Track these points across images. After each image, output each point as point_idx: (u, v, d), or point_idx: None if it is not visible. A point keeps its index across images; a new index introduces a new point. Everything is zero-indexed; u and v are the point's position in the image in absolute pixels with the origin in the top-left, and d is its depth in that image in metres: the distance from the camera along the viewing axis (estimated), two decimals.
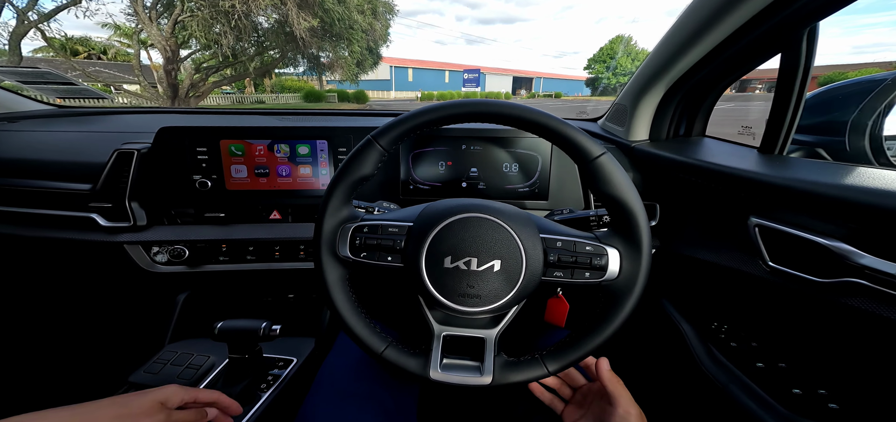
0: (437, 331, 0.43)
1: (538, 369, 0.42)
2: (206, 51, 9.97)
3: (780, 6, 0.50)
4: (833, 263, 0.44)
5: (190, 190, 0.76)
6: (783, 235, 0.49)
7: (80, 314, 0.99)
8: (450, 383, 0.42)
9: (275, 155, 0.77)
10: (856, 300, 0.43)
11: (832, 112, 0.68)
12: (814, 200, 0.45)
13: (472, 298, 0.40)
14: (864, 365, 0.47)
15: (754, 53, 0.62)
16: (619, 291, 0.41)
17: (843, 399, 0.48)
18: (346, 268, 0.44)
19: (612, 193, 0.40)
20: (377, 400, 0.55)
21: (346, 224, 0.44)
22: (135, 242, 0.75)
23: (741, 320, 0.64)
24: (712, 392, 0.57)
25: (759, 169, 0.54)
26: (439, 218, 0.41)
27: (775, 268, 0.51)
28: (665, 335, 0.73)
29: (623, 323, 0.41)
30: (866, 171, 0.46)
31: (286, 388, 0.67)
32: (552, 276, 0.41)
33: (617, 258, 0.41)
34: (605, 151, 0.40)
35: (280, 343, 0.68)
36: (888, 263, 0.39)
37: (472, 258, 0.40)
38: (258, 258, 0.78)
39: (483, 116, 0.41)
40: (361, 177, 0.43)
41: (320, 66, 11.48)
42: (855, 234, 0.42)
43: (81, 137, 0.89)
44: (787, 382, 0.52)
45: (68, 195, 0.75)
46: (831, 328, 0.49)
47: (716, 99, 0.81)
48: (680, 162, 0.66)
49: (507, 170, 0.79)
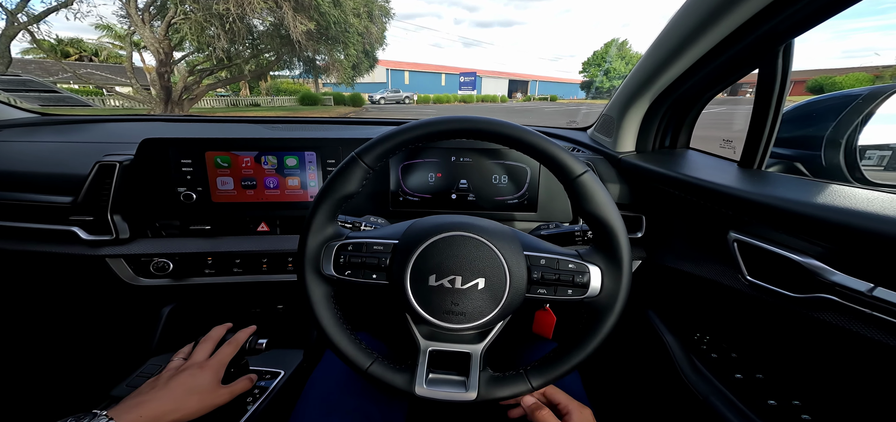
0: (423, 346, 0.44)
1: (522, 385, 0.42)
2: (200, 53, 9.90)
3: (755, 24, 0.51)
4: (806, 279, 0.45)
5: (174, 202, 0.76)
6: (760, 251, 0.50)
7: (61, 328, 0.97)
8: (434, 399, 0.42)
9: (262, 167, 0.77)
10: (827, 315, 0.44)
11: (809, 127, 0.70)
12: (788, 218, 0.46)
13: (456, 315, 0.40)
14: (835, 378, 0.48)
15: (733, 68, 0.63)
16: (601, 308, 0.41)
17: (816, 410, 0.49)
18: (330, 286, 0.44)
19: (593, 212, 0.40)
20: (365, 414, 0.55)
21: (330, 242, 0.44)
22: (117, 255, 0.74)
23: (722, 332, 0.65)
24: (693, 403, 0.58)
25: (738, 184, 0.55)
26: (424, 236, 0.42)
27: (753, 282, 0.52)
28: (650, 346, 0.74)
29: (605, 338, 0.41)
30: (839, 189, 0.47)
31: (273, 401, 0.67)
32: (536, 293, 0.42)
33: (599, 276, 0.41)
34: (586, 169, 0.41)
35: (267, 356, 0.68)
36: (856, 280, 0.40)
37: (456, 276, 0.40)
38: (245, 271, 0.78)
39: (467, 132, 0.42)
40: (346, 194, 0.43)
41: (316, 69, 11.45)
42: (828, 251, 0.43)
43: (63, 148, 0.88)
44: (764, 393, 0.53)
45: (48, 208, 0.74)
46: (805, 342, 0.50)
47: (699, 111, 0.82)
48: (664, 175, 0.67)
49: (496, 182, 0.80)
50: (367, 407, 0.56)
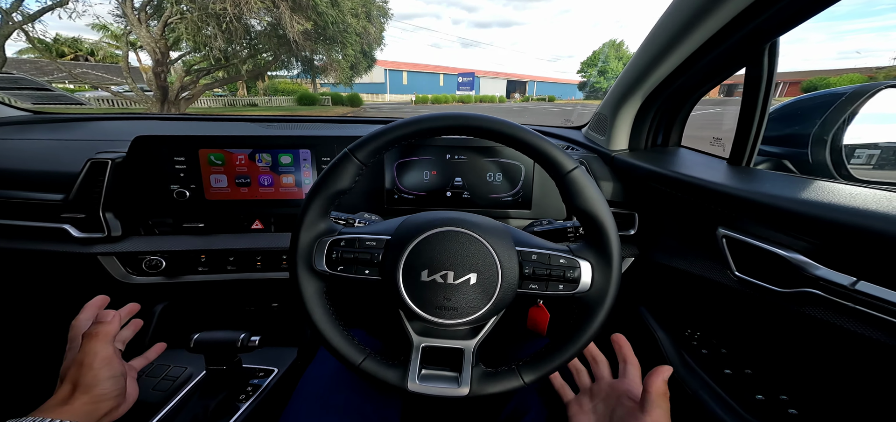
0: (416, 342, 0.44)
1: (514, 380, 0.42)
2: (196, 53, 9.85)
3: (740, 22, 0.52)
4: (791, 274, 0.45)
5: (167, 200, 0.76)
6: (748, 246, 0.51)
7: (52, 327, 0.97)
8: (427, 395, 0.42)
9: (256, 164, 0.77)
10: (812, 309, 0.44)
11: (796, 125, 0.70)
12: (775, 214, 0.46)
13: (448, 310, 0.41)
14: (821, 372, 0.48)
15: (722, 66, 0.64)
16: (591, 303, 0.42)
17: (802, 405, 0.49)
18: (322, 281, 0.44)
19: (583, 207, 0.41)
20: (359, 411, 0.55)
21: (323, 238, 0.44)
22: (109, 253, 0.74)
23: (712, 328, 0.65)
24: (684, 398, 0.58)
25: (727, 181, 0.56)
26: (416, 231, 0.42)
27: (741, 278, 0.52)
28: (642, 342, 0.75)
29: (596, 333, 0.42)
30: (824, 185, 0.48)
31: (266, 398, 0.67)
32: (528, 288, 0.42)
33: (589, 271, 0.42)
34: (577, 165, 0.41)
35: (261, 353, 0.68)
36: (840, 274, 0.41)
37: (448, 271, 0.41)
38: (239, 268, 0.78)
39: (460, 129, 0.42)
40: (338, 190, 0.43)
41: (314, 69, 11.42)
42: (812, 246, 0.44)
43: (55, 146, 0.88)
44: (752, 387, 0.54)
45: (39, 206, 0.73)
46: (791, 336, 0.50)
47: (690, 109, 0.83)
48: (655, 172, 0.68)
49: (491, 179, 0.80)
50: (360, 404, 0.56)
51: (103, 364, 0.46)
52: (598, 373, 0.52)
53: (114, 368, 0.47)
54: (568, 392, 0.53)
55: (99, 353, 0.46)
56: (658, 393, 0.42)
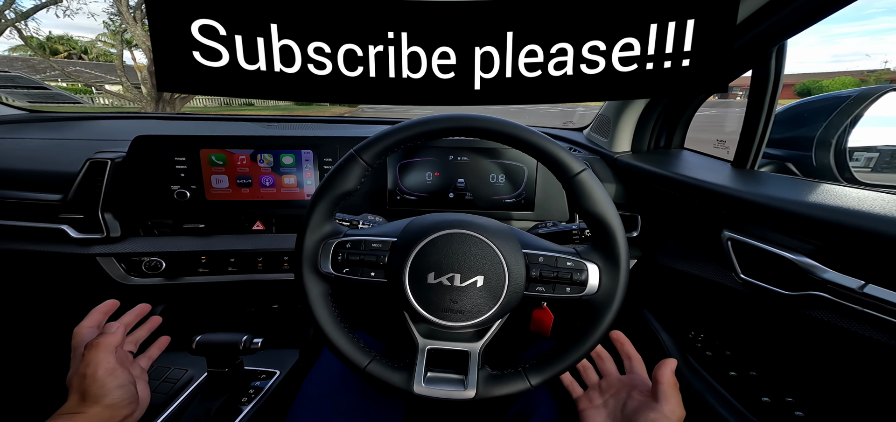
0: (421, 345, 0.43)
1: (521, 383, 0.42)
2: None
3: (749, 25, 0.52)
4: (798, 277, 0.45)
5: (168, 201, 0.75)
6: (753, 249, 0.51)
7: (50, 329, 0.95)
8: (433, 397, 0.42)
9: (258, 165, 0.76)
10: (819, 312, 0.44)
11: (800, 128, 0.71)
12: (781, 217, 0.47)
13: (455, 313, 0.40)
14: (827, 374, 0.49)
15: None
16: (598, 306, 0.42)
17: (808, 407, 0.50)
18: (328, 284, 0.44)
19: (591, 210, 0.41)
20: (363, 413, 0.54)
21: (328, 240, 0.43)
22: (108, 254, 0.73)
23: (717, 330, 0.66)
24: (689, 400, 0.58)
25: (732, 184, 0.56)
26: (423, 234, 0.42)
27: (747, 280, 0.53)
28: (645, 345, 0.75)
29: (603, 335, 0.42)
30: (830, 188, 0.48)
31: (268, 401, 0.66)
32: (534, 291, 0.42)
33: (596, 273, 0.41)
34: (585, 167, 0.41)
35: (263, 355, 0.67)
36: (847, 277, 0.41)
37: (455, 274, 0.40)
38: (240, 270, 0.77)
39: (466, 130, 0.42)
40: (344, 192, 0.43)
41: None
42: (819, 249, 0.44)
43: (53, 145, 0.86)
44: (758, 390, 0.54)
45: (37, 206, 0.72)
46: (797, 339, 0.51)
47: (694, 111, 0.83)
48: (659, 175, 0.68)
49: (494, 181, 0.80)
50: (364, 406, 0.55)
51: (107, 375, 0.45)
52: (605, 369, 0.53)
53: (119, 377, 0.46)
54: (577, 388, 0.53)
55: (101, 364, 0.45)
56: (670, 384, 0.43)
